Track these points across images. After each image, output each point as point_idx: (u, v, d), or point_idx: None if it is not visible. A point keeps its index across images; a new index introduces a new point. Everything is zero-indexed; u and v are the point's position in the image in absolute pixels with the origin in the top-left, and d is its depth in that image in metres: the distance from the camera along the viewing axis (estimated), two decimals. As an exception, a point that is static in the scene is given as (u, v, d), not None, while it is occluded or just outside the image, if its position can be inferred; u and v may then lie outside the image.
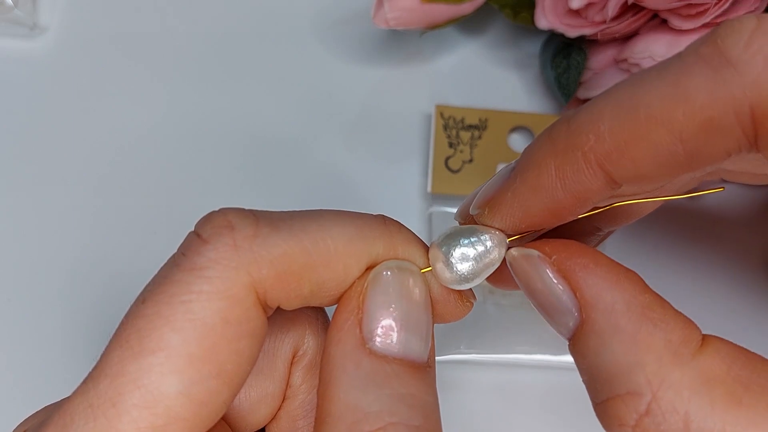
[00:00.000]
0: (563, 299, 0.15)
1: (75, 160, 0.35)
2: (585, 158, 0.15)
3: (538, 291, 0.16)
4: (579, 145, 0.15)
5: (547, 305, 0.16)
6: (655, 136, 0.14)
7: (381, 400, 0.15)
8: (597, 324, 0.15)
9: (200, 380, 0.14)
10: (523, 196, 0.16)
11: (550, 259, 0.16)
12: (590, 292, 0.15)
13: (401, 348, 0.16)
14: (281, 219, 0.15)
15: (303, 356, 0.19)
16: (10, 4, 0.35)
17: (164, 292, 0.14)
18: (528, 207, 0.16)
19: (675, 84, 0.14)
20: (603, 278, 0.15)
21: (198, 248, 0.15)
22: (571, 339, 0.16)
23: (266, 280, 0.15)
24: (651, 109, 0.14)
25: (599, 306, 0.15)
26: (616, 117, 0.14)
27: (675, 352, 0.14)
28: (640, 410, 0.14)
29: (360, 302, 0.16)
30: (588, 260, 0.16)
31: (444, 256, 0.17)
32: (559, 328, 0.16)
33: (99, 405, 0.13)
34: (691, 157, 0.14)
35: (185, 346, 0.14)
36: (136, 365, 0.14)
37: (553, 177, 0.15)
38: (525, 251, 0.16)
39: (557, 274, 0.16)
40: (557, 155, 0.15)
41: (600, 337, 0.15)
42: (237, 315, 0.14)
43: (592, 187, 0.15)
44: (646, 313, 0.15)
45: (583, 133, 0.15)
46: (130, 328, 0.14)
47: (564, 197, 0.15)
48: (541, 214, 0.16)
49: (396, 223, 0.17)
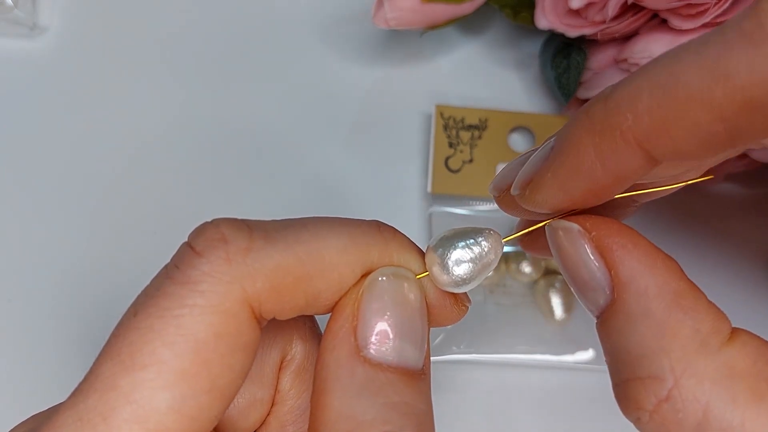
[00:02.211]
0: (597, 276, 0.15)
1: (75, 160, 0.35)
2: (623, 138, 0.14)
3: (572, 265, 0.16)
4: (617, 125, 0.14)
5: (580, 280, 0.16)
6: (695, 115, 0.13)
7: (375, 408, 0.15)
8: (627, 305, 0.15)
9: (192, 395, 0.14)
10: (562, 178, 0.16)
11: (590, 235, 0.16)
12: (625, 272, 0.15)
13: (396, 356, 0.15)
14: (275, 230, 0.15)
15: (291, 361, 0.18)
16: (10, 4, 0.35)
17: (156, 305, 0.14)
18: (568, 188, 0.16)
19: (715, 61, 0.13)
20: (639, 260, 0.15)
21: (191, 261, 0.14)
22: (599, 317, 0.16)
23: (261, 293, 0.15)
24: (690, 87, 0.13)
25: (632, 288, 0.15)
26: (654, 95, 0.14)
27: (702, 341, 0.14)
28: (660, 395, 0.14)
29: (355, 310, 0.16)
30: (627, 241, 0.15)
31: (440, 259, 0.16)
32: (588, 304, 0.16)
33: (89, 419, 0.13)
34: (732, 135, 0.14)
35: (177, 361, 0.14)
36: (128, 380, 0.13)
37: (592, 157, 0.15)
38: (565, 224, 0.16)
39: (595, 250, 0.16)
40: (595, 135, 0.15)
41: (629, 319, 0.15)
42: (230, 329, 0.14)
43: (632, 166, 0.15)
44: (678, 300, 0.15)
45: (621, 112, 0.14)
46: (121, 341, 0.14)
47: (604, 177, 0.15)
48: (582, 195, 0.16)
49: (391, 228, 0.17)
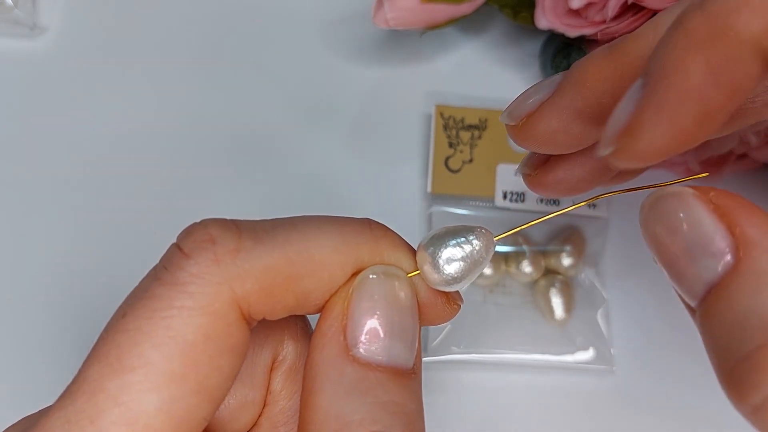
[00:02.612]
0: (716, 239, 0.14)
1: (74, 160, 0.35)
2: (739, 39, 0.13)
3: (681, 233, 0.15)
4: (730, 25, 0.13)
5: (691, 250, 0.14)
6: None
7: (364, 408, 0.14)
8: (757, 264, 0.14)
9: (181, 397, 0.14)
10: (670, 108, 0.14)
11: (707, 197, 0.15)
12: (751, 230, 0.14)
13: (386, 355, 0.15)
14: (264, 230, 0.15)
15: (282, 362, 0.18)
16: (10, 4, 0.35)
17: (145, 306, 0.14)
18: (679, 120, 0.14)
19: None
20: (764, 219, 0.14)
21: (180, 262, 0.14)
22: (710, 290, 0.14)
23: (250, 294, 0.14)
24: None
25: (761, 245, 0.14)
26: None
27: None
28: None
29: (344, 308, 0.16)
30: (744, 201, 0.14)
31: (431, 258, 0.16)
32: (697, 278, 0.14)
33: (77, 421, 0.13)
34: None
35: (166, 362, 0.14)
36: (116, 382, 0.13)
37: (704, 73, 0.14)
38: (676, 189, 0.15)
39: (714, 210, 0.14)
40: (704, 46, 0.14)
41: (758, 278, 0.14)
42: (219, 331, 0.14)
43: (750, 73, 0.14)
44: None
45: (734, 11, 0.13)
46: (109, 343, 0.14)
47: (718, 96, 0.14)
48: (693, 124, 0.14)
49: (381, 227, 0.17)
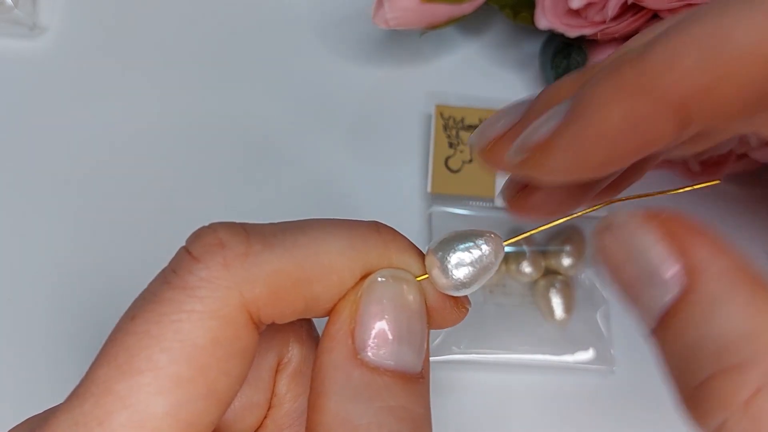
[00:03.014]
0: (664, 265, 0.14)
1: (74, 160, 0.35)
2: (662, 101, 0.13)
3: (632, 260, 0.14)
4: (656, 87, 0.13)
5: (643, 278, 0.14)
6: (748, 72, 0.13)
7: (371, 412, 0.14)
8: (707, 289, 0.13)
9: (188, 401, 0.14)
10: (583, 141, 0.14)
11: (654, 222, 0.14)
12: (701, 255, 0.14)
13: (394, 359, 0.15)
14: (273, 234, 0.15)
15: (288, 364, 0.18)
16: (10, 4, 0.35)
17: (154, 310, 0.14)
18: (586, 154, 0.15)
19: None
20: (712, 243, 0.14)
21: (189, 266, 0.14)
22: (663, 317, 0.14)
23: (259, 298, 0.14)
24: (744, 42, 0.12)
25: (711, 270, 0.13)
26: (701, 53, 0.13)
27: None
28: (751, 386, 0.12)
29: (353, 312, 0.15)
30: (693, 224, 0.14)
31: (440, 262, 0.16)
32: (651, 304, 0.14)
33: (85, 423, 0.13)
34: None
35: (174, 366, 0.14)
36: (124, 384, 0.13)
37: (622, 121, 0.14)
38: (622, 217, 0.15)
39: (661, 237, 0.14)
40: (628, 98, 0.14)
41: (709, 305, 0.13)
42: (228, 335, 0.14)
43: (664, 131, 0.14)
44: (760, 280, 0.13)
45: (663, 71, 0.13)
46: (118, 346, 0.14)
47: (629, 143, 0.14)
48: (598, 162, 0.15)
49: (390, 230, 0.17)
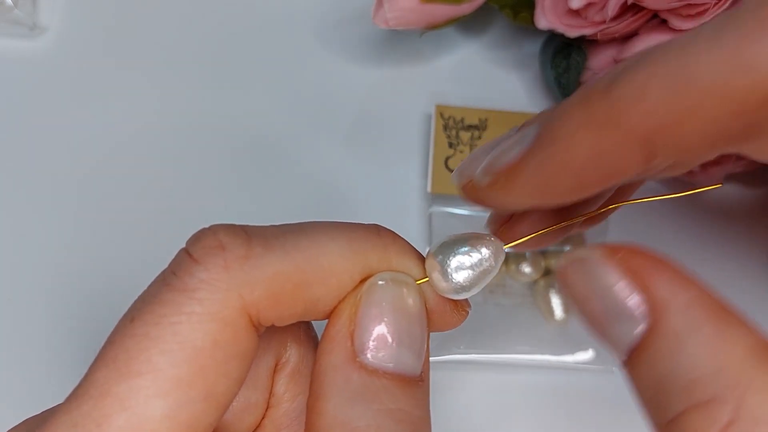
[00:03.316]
0: (629, 303, 0.14)
1: (74, 161, 0.35)
2: (628, 134, 0.14)
3: (596, 297, 0.14)
4: (622, 121, 0.14)
5: (608, 312, 0.14)
6: (711, 109, 0.13)
7: (369, 414, 0.14)
8: (672, 325, 0.13)
9: (187, 403, 0.14)
10: (548, 170, 0.15)
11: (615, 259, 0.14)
12: (663, 290, 0.14)
13: (393, 362, 0.15)
14: (273, 236, 0.15)
15: (285, 364, 0.18)
16: (10, 4, 0.35)
17: (153, 312, 0.14)
18: (551, 182, 0.15)
19: (734, 51, 0.12)
20: (675, 277, 0.14)
21: (189, 268, 0.14)
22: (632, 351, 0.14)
23: (259, 301, 0.14)
24: (706, 79, 0.13)
25: (674, 305, 0.13)
26: (665, 90, 0.13)
27: (760, 354, 0.13)
28: (722, 421, 0.12)
29: (352, 314, 0.16)
30: (654, 259, 0.14)
31: (440, 266, 0.16)
32: (618, 340, 0.14)
33: (83, 425, 0.13)
34: (749, 130, 0.13)
35: (173, 368, 0.14)
36: (123, 386, 0.13)
37: (587, 153, 0.14)
38: (584, 253, 0.15)
39: (623, 274, 0.14)
40: (594, 130, 0.14)
41: (675, 340, 0.13)
42: (227, 337, 0.14)
43: (629, 164, 0.14)
44: (724, 314, 0.13)
45: (628, 106, 0.13)
46: (117, 348, 0.14)
47: (594, 174, 0.14)
48: (563, 190, 0.15)
49: (390, 233, 0.17)
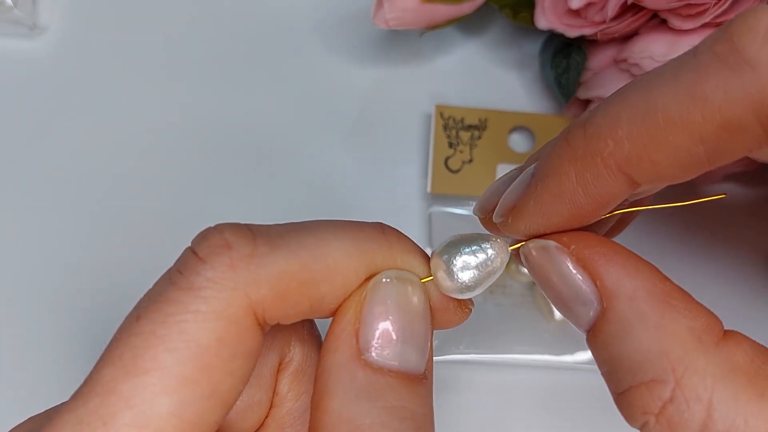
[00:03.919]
0: (583, 289, 0.15)
1: (75, 161, 0.35)
2: (605, 164, 0.15)
3: (555, 283, 0.16)
4: (598, 151, 0.15)
5: (566, 297, 0.16)
6: (675, 138, 0.14)
7: (374, 412, 0.15)
8: (619, 312, 0.15)
9: (193, 401, 0.14)
10: (545, 204, 0.16)
11: (569, 249, 0.16)
12: (611, 279, 0.15)
13: (398, 360, 0.15)
14: (279, 235, 0.15)
15: (289, 363, 0.18)
16: (10, 4, 0.35)
17: (159, 310, 0.14)
18: (551, 214, 0.16)
19: (691, 85, 0.14)
20: (623, 266, 0.15)
21: (195, 267, 0.14)
22: (590, 331, 0.16)
23: (265, 299, 0.15)
24: (668, 112, 0.14)
25: (621, 293, 0.15)
26: (633, 121, 0.14)
27: (699, 339, 0.14)
28: (663, 397, 0.14)
29: (357, 312, 0.16)
30: (606, 249, 0.16)
31: (445, 265, 0.16)
32: (578, 320, 0.16)
33: (89, 423, 0.13)
34: (712, 156, 0.14)
35: (179, 366, 0.14)
36: (129, 384, 0.13)
37: (573, 183, 0.15)
38: (542, 242, 0.16)
39: (576, 263, 0.16)
40: (576, 162, 0.15)
41: (622, 325, 0.15)
42: (233, 336, 0.14)
43: (614, 190, 0.15)
44: (669, 300, 0.15)
45: (601, 138, 0.15)
46: (123, 346, 0.14)
47: (586, 203, 0.15)
48: (564, 220, 0.16)
49: (394, 231, 0.17)
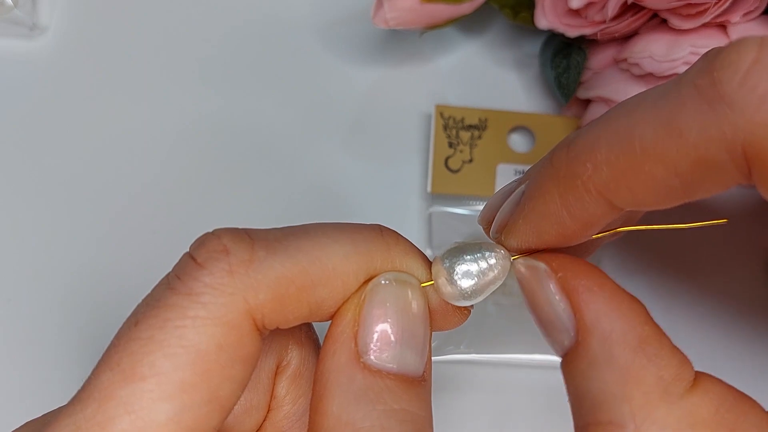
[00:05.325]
0: (562, 317, 0.15)
1: (74, 161, 0.35)
2: (584, 187, 0.15)
3: (539, 304, 0.16)
4: (578, 174, 0.15)
5: (546, 320, 0.16)
6: (650, 168, 0.14)
7: (373, 414, 0.15)
8: (591, 349, 0.15)
9: (191, 407, 0.14)
10: (533, 223, 0.16)
11: (556, 276, 0.16)
12: (590, 316, 0.15)
13: (396, 362, 0.15)
14: (277, 239, 0.15)
15: (287, 367, 0.18)
16: (10, 4, 0.35)
17: (158, 316, 0.14)
18: (539, 232, 0.16)
19: (669, 118, 0.13)
20: (605, 304, 0.15)
21: (193, 272, 0.14)
22: (563, 357, 0.16)
23: (264, 305, 0.15)
24: (645, 141, 0.14)
25: (596, 331, 0.15)
26: (611, 148, 0.14)
27: (665, 389, 0.14)
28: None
29: (356, 315, 0.16)
30: (593, 283, 0.15)
31: (447, 272, 0.16)
32: (553, 344, 0.16)
33: (87, 428, 0.13)
34: (688, 189, 0.14)
35: (178, 372, 0.14)
36: (127, 390, 0.13)
37: (558, 204, 0.15)
38: (532, 263, 0.16)
39: (560, 291, 0.16)
40: (559, 183, 0.15)
41: (591, 363, 0.15)
42: (232, 341, 0.14)
43: (596, 213, 0.15)
44: (642, 346, 0.14)
45: (582, 162, 0.15)
46: (121, 351, 0.14)
47: (571, 223, 0.15)
48: (553, 238, 0.16)
49: (393, 233, 0.17)
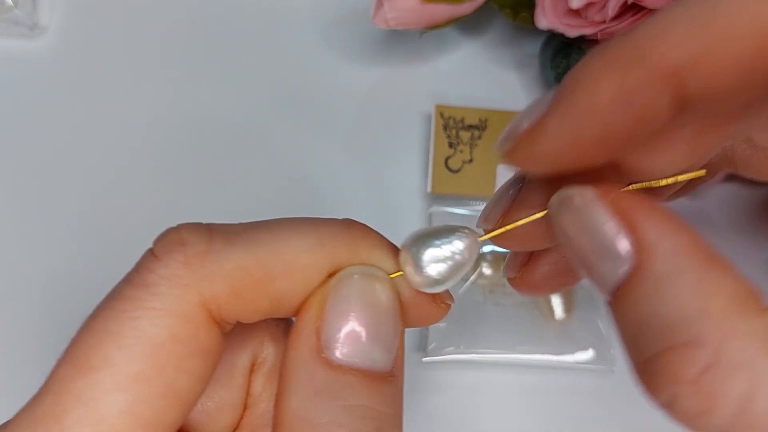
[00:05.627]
0: (616, 241, 0.14)
1: (74, 160, 0.35)
2: (654, 69, 0.13)
3: (586, 235, 0.14)
4: (647, 56, 0.13)
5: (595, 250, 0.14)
6: (738, 42, 0.12)
7: (332, 411, 0.14)
8: (657, 267, 0.13)
9: (146, 399, 0.14)
10: (573, 121, 0.14)
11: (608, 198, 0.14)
12: (652, 233, 0.13)
13: (360, 358, 0.15)
14: (236, 232, 0.15)
15: (263, 364, 0.18)
16: (10, 4, 0.35)
17: (114, 308, 0.14)
18: (578, 135, 0.14)
19: None
20: (665, 221, 0.13)
21: (149, 265, 0.14)
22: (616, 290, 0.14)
23: (219, 296, 0.14)
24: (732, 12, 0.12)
25: (661, 248, 0.13)
26: (691, 24, 0.12)
27: (744, 302, 0.12)
28: (701, 363, 0.12)
29: (320, 309, 0.15)
30: (645, 204, 0.14)
31: (413, 259, 0.16)
32: (603, 279, 0.14)
33: (43, 421, 0.13)
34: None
35: (131, 363, 0.13)
36: (81, 382, 0.13)
37: (613, 94, 0.13)
38: (578, 189, 0.14)
39: (614, 213, 0.14)
40: (619, 70, 0.13)
41: (658, 282, 0.13)
42: (187, 333, 0.14)
43: (658, 105, 0.13)
44: (713, 260, 0.13)
45: (653, 43, 0.13)
46: (79, 344, 0.14)
47: (623, 118, 0.13)
48: (591, 145, 0.14)
49: (362, 227, 0.17)
